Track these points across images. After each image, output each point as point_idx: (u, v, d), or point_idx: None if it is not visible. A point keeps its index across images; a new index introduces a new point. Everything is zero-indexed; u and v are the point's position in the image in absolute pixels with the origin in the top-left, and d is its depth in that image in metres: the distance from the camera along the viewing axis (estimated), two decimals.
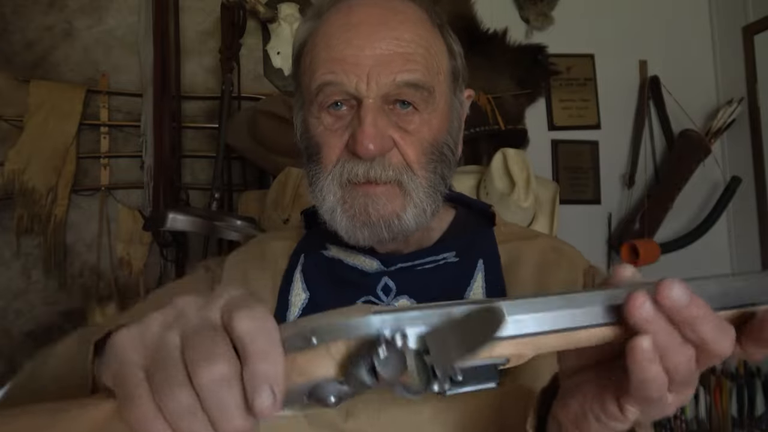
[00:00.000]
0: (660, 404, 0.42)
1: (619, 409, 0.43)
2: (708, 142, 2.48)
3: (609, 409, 0.43)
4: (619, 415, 0.43)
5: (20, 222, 2.09)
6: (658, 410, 0.42)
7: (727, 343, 0.39)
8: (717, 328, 0.39)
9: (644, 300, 0.38)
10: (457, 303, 0.39)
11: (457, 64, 0.73)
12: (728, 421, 2.32)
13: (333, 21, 0.68)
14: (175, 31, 2.22)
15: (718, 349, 0.39)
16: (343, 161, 0.66)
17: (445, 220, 0.79)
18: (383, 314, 0.37)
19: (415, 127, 0.67)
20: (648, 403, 0.41)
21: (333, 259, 0.75)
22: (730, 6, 2.58)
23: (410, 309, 0.38)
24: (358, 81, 0.64)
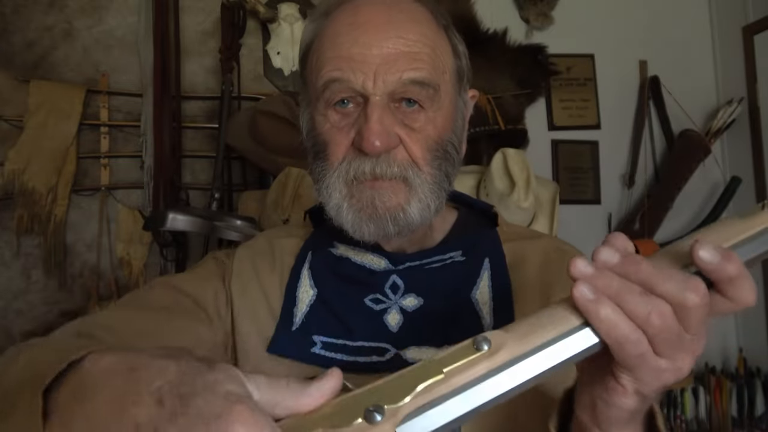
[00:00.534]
0: (649, 368, 0.42)
1: (615, 380, 0.44)
2: (708, 142, 2.48)
3: (609, 385, 0.44)
4: (617, 387, 0.44)
5: (20, 222, 2.09)
6: (651, 376, 0.42)
7: (688, 293, 0.40)
8: (670, 277, 0.40)
9: (577, 259, 0.41)
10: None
11: (461, 63, 0.74)
12: (728, 421, 2.32)
13: (340, 20, 0.69)
14: (175, 31, 2.22)
15: (682, 299, 0.40)
16: (350, 159, 0.67)
17: (449, 220, 0.79)
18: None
19: (421, 125, 0.67)
20: (632, 365, 0.42)
21: (341, 257, 0.76)
22: (730, 6, 2.58)
23: (419, 411, 0.37)
24: (365, 78, 0.65)
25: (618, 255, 0.41)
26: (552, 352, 0.41)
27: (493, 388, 0.39)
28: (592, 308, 0.40)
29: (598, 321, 0.40)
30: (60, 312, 2.15)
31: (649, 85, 2.55)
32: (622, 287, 0.40)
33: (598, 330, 0.41)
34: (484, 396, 0.39)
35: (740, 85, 2.51)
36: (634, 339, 0.40)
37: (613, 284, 0.40)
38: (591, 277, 0.41)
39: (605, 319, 0.40)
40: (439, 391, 0.38)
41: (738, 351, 2.50)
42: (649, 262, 0.41)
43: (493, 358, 0.39)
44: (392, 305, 0.71)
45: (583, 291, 0.40)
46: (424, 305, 0.70)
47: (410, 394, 0.37)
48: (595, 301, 0.40)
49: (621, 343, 0.41)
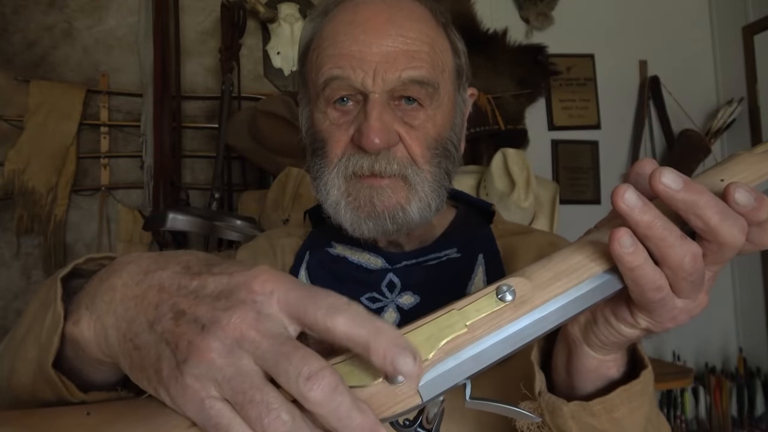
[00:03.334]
0: (666, 309, 0.41)
1: (630, 313, 0.43)
2: (708, 142, 2.48)
3: (620, 313, 0.44)
4: (630, 318, 0.44)
5: (20, 222, 2.09)
6: (666, 316, 0.42)
7: (735, 230, 0.39)
8: (722, 212, 0.38)
9: (626, 188, 0.38)
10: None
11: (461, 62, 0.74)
12: (728, 421, 2.32)
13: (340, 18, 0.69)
14: (175, 31, 2.22)
15: (728, 236, 0.39)
16: (349, 155, 0.67)
17: (447, 217, 0.80)
18: (433, 392, 0.37)
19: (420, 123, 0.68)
20: (652, 306, 0.41)
21: (338, 257, 0.76)
22: (730, 6, 2.58)
23: (441, 366, 0.38)
24: (365, 76, 0.65)
25: (683, 182, 0.38)
26: (574, 302, 0.40)
27: (515, 340, 0.39)
28: (627, 259, 0.39)
29: (629, 271, 0.39)
30: None
31: (649, 85, 2.55)
32: (666, 229, 0.38)
33: (625, 277, 0.40)
34: (506, 348, 0.38)
35: (740, 85, 2.52)
36: (658, 285, 0.40)
37: (658, 224, 0.38)
38: (640, 211, 0.38)
39: (636, 269, 0.39)
40: (461, 346, 0.37)
41: (738, 351, 2.50)
42: (708, 191, 0.39)
43: (516, 311, 0.39)
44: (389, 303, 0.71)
45: (624, 242, 0.38)
46: (421, 303, 0.70)
47: (433, 350, 0.37)
48: (632, 253, 0.39)
49: (645, 289, 0.40)
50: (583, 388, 0.50)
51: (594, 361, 0.48)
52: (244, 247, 0.84)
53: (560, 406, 0.49)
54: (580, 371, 0.49)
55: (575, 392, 0.50)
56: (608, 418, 0.49)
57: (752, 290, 2.52)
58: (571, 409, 0.48)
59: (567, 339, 0.49)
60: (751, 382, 2.35)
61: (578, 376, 0.49)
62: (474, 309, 0.38)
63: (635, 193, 0.38)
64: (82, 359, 0.41)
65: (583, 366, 0.49)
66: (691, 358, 2.48)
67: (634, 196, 0.38)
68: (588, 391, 0.50)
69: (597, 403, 0.48)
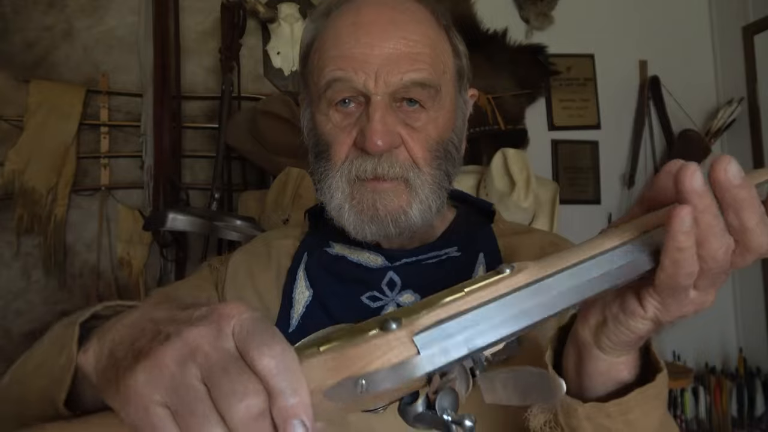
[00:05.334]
0: (680, 297, 0.42)
1: (638, 302, 0.43)
2: (708, 142, 2.48)
3: (629, 306, 0.44)
4: (638, 309, 0.43)
5: (20, 222, 2.09)
6: (677, 305, 0.42)
7: (765, 238, 0.39)
8: (761, 217, 0.39)
9: (695, 169, 0.38)
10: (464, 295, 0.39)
11: (462, 63, 0.74)
12: (728, 421, 2.32)
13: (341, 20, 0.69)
14: (175, 31, 2.22)
15: (757, 241, 0.39)
16: (352, 158, 0.67)
17: (448, 217, 0.80)
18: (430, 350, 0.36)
19: (422, 125, 0.68)
20: (672, 292, 0.41)
21: (337, 256, 0.76)
22: (730, 6, 2.58)
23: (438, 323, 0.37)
24: (367, 78, 0.65)
25: (742, 177, 0.39)
26: (582, 282, 0.40)
27: (516, 312, 0.39)
28: (680, 239, 0.38)
29: (677, 251, 0.39)
30: (60, 312, 2.15)
31: (649, 85, 2.55)
32: (715, 220, 0.39)
33: (668, 257, 0.39)
34: (507, 318, 0.38)
35: (740, 85, 2.52)
36: (691, 271, 0.40)
37: (711, 211, 0.39)
38: (700, 194, 0.38)
39: (684, 251, 0.39)
40: (458, 306, 0.38)
41: (738, 351, 2.50)
42: (755, 192, 0.40)
43: (514, 278, 0.39)
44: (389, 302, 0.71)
45: (686, 221, 0.38)
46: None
47: (429, 308, 0.37)
48: (688, 233, 0.38)
49: (679, 273, 0.40)
50: (593, 391, 0.50)
51: (605, 363, 0.48)
52: (240, 251, 0.84)
53: (575, 406, 0.49)
54: (590, 374, 0.49)
55: (585, 394, 0.50)
56: (623, 420, 0.48)
57: (752, 290, 2.52)
58: (587, 410, 0.48)
59: (577, 342, 0.49)
60: (751, 382, 2.35)
61: (589, 379, 0.49)
62: (473, 282, 0.39)
63: (702, 178, 0.39)
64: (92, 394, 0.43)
65: (595, 369, 0.49)
66: (691, 358, 2.48)
67: (701, 179, 0.39)
68: (599, 393, 0.50)
69: (613, 404, 0.48)
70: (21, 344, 2.10)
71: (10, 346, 2.10)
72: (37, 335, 0.52)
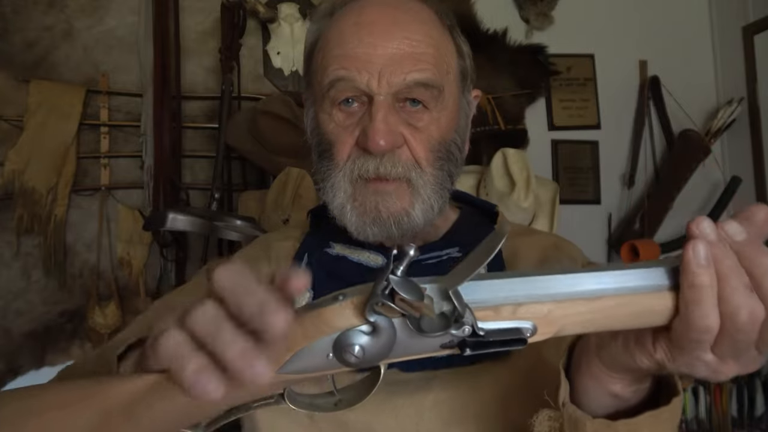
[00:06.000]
0: (693, 354, 0.39)
1: (651, 341, 0.42)
2: (708, 142, 2.48)
3: (642, 338, 0.43)
4: (649, 346, 0.42)
5: (20, 222, 2.09)
6: (687, 361, 0.40)
7: None
8: None
9: (706, 218, 0.37)
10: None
11: (465, 64, 0.74)
12: (728, 421, 2.32)
13: (345, 20, 0.69)
14: (175, 31, 2.22)
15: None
16: (354, 157, 0.68)
17: (450, 218, 0.80)
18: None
19: (425, 125, 0.68)
20: (685, 344, 0.39)
21: (338, 257, 0.76)
22: (730, 6, 2.58)
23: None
24: (370, 78, 0.65)
25: (746, 234, 0.37)
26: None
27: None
28: (693, 273, 0.37)
29: (690, 287, 0.37)
30: (60, 312, 2.15)
31: (649, 85, 2.55)
32: (734, 268, 0.37)
33: (683, 294, 0.38)
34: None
35: (740, 85, 2.51)
36: (707, 325, 0.38)
37: (726, 262, 0.37)
38: (711, 239, 0.37)
39: (698, 288, 0.37)
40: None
41: None
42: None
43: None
44: None
45: (699, 252, 0.37)
46: None
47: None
48: (704, 268, 0.37)
49: (693, 320, 0.38)
50: (583, 393, 0.49)
51: (597, 369, 0.47)
52: (240, 254, 0.84)
53: (584, 421, 0.48)
54: (583, 374, 0.49)
55: (581, 404, 0.50)
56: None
57: None
58: (595, 426, 0.47)
59: (584, 341, 0.49)
60: (751, 382, 2.35)
61: (580, 378, 0.49)
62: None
63: (713, 225, 0.37)
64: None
65: (587, 371, 0.48)
66: None
67: (711, 226, 0.37)
68: (591, 402, 0.49)
69: (622, 424, 0.47)
70: (21, 344, 2.10)
71: (11, 346, 2.10)
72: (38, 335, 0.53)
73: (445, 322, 0.39)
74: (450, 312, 0.39)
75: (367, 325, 0.40)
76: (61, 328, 2.14)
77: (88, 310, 2.11)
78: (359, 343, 0.40)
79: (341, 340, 0.40)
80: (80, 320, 2.14)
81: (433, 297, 0.40)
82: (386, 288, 0.39)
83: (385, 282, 0.39)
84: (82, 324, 2.13)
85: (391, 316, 0.40)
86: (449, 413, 0.64)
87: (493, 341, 0.40)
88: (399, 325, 0.40)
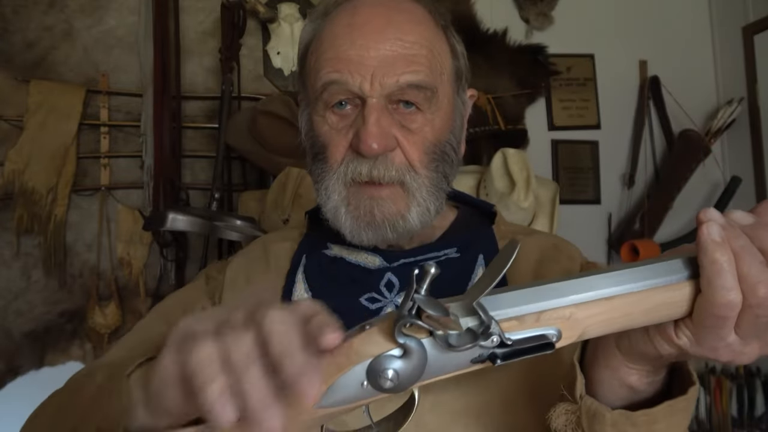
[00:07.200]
0: (717, 337, 0.40)
1: (674, 327, 0.42)
2: (708, 142, 2.48)
3: (664, 325, 0.43)
4: (671, 335, 0.43)
5: (20, 222, 2.09)
6: (711, 345, 0.41)
7: None
8: None
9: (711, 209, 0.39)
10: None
11: (460, 64, 0.73)
12: (728, 421, 2.32)
13: (338, 21, 0.69)
14: (175, 31, 2.22)
15: None
16: (348, 160, 0.67)
17: (448, 218, 0.79)
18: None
19: (418, 127, 0.67)
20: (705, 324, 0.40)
21: (335, 258, 0.76)
22: (730, 6, 2.58)
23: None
24: (362, 80, 0.65)
25: (752, 217, 0.39)
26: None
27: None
28: (711, 249, 0.38)
29: (710, 263, 0.38)
30: (60, 312, 2.15)
31: (649, 85, 2.55)
32: (747, 246, 0.38)
33: (704, 272, 0.39)
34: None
35: (740, 85, 2.51)
36: (730, 300, 0.39)
37: (740, 241, 0.38)
38: (721, 224, 0.39)
39: (718, 263, 0.38)
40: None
41: None
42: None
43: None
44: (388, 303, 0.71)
45: (713, 231, 0.38)
46: None
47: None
48: (720, 244, 0.38)
49: (716, 296, 0.39)
50: (599, 384, 0.49)
51: (616, 360, 0.47)
52: (239, 255, 0.84)
53: (603, 412, 0.48)
54: (600, 365, 0.49)
55: (592, 387, 0.50)
56: (648, 430, 0.48)
57: None
58: (614, 417, 0.48)
59: (604, 342, 0.48)
60: (751, 382, 2.35)
61: (597, 370, 0.49)
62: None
63: (719, 212, 0.39)
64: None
65: (605, 362, 0.48)
66: None
67: (718, 213, 0.39)
68: (607, 394, 0.49)
69: (641, 414, 0.47)
70: (21, 344, 2.10)
71: (11, 346, 2.10)
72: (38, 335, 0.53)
73: (473, 335, 0.40)
74: (476, 326, 0.40)
75: (397, 349, 0.40)
76: (61, 328, 2.14)
77: (88, 310, 2.11)
78: (392, 368, 0.40)
79: (374, 367, 0.40)
80: (80, 320, 2.14)
81: (458, 314, 0.40)
82: (412, 308, 0.39)
83: (411, 302, 0.39)
84: (82, 324, 2.13)
85: (420, 336, 0.40)
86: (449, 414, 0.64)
87: (522, 349, 0.41)
88: (428, 345, 0.41)
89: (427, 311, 0.38)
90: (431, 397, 0.64)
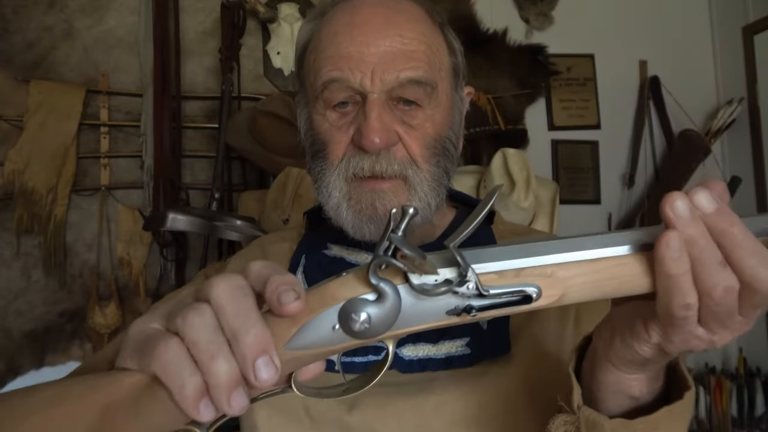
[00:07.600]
0: (683, 331, 0.41)
1: (644, 326, 0.43)
2: (708, 142, 2.48)
3: (635, 329, 0.44)
4: (643, 333, 0.43)
5: (20, 222, 2.09)
6: (681, 338, 0.41)
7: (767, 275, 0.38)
8: (756, 253, 0.38)
9: (679, 196, 0.38)
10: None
11: (457, 61, 0.74)
12: (728, 421, 2.32)
13: (337, 20, 0.69)
14: (175, 31, 2.22)
15: (758, 280, 0.38)
16: (349, 156, 0.67)
17: (447, 218, 0.80)
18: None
19: (419, 122, 0.68)
20: (671, 322, 0.40)
21: (335, 258, 0.76)
22: (730, 6, 2.58)
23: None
24: (363, 77, 0.65)
25: (716, 205, 0.38)
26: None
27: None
28: (668, 264, 0.38)
29: (666, 278, 0.38)
30: (60, 312, 2.15)
31: (649, 85, 2.55)
32: (706, 250, 0.38)
33: (658, 283, 0.39)
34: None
35: (740, 85, 2.51)
36: (687, 303, 0.39)
37: (700, 242, 0.38)
38: (686, 222, 0.38)
39: (674, 278, 0.38)
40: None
41: (738, 351, 2.50)
42: (741, 225, 0.38)
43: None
44: None
45: (673, 245, 0.38)
46: None
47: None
48: (677, 260, 0.38)
49: (672, 302, 0.39)
50: (604, 401, 0.49)
51: (614, 376, 0.48)
52: (237, 256, 0.85)
53: (601, 422, 0.48)
54: (600, 383, 0.49)
55: (597, 405, 0.50)
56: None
57: None
58: (613, 426, 0.48)
59: (593, 350, 0.49)
60: (751, 382, 2.35)
61: (599, 389, 0.49)
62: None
63: (687, 204, 0.38)
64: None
65: (604, 379, 0.48)
66: (691, 357, 2.48)
67: (685, 206, 0.38)
68: (609, 405, 0.49)
69: (639, 422, 0.47)
70: (21, 344, 2.10)
71: (11, 346, 2.10)
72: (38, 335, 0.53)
73: (449, 283, 0.39)
74: (454, 277, 0.40)
75: (372, 294, 0.40)
76: (61, 328, 2.14)
77: (88, 310, 2.11)
78: (365, 311, 0.40)
79: (346, 309, 0.40)
80: (80, 320, 2.14)
81: (435, 263, 0.40)
82: (388, 248, 0.39)
83: (387, 242, 0.39)
84: (82, 324, 2.13)
85: (395, 282, 0.40)
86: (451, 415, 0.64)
87: (500, 303, 0.40)
88: (404, 291, 0.40)
89: (403, 250, 0.38)
90: (433, 398, 0.64)
